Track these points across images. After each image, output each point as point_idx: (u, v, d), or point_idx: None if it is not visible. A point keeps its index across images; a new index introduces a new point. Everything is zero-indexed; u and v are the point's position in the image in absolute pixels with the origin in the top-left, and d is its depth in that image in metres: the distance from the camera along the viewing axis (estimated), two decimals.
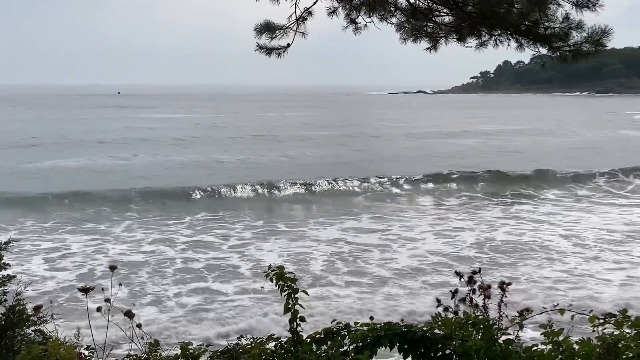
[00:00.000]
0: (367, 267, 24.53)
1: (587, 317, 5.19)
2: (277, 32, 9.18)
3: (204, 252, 26.80)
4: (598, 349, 5.00)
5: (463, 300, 6.16)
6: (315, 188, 41.10)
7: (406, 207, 37.42)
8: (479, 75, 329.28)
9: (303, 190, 40.82)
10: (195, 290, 21.77)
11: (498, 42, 9.04)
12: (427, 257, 25.92)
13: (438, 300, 6.20)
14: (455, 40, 9.27)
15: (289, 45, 9.29)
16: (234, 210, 35.31)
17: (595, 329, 5.16)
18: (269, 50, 9.37)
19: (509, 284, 6.20)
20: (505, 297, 6.02)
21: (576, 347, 5.26)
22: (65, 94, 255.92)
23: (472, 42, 9.16)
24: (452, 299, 6.20)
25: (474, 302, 6.12)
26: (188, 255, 26.18)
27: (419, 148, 66.73)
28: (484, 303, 6.09)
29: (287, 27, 9.15)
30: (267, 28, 9.20)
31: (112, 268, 7.48)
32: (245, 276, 23.34)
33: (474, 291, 6.16)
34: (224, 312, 19.61)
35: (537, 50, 8.88)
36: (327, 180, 42.00)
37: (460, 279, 6.31)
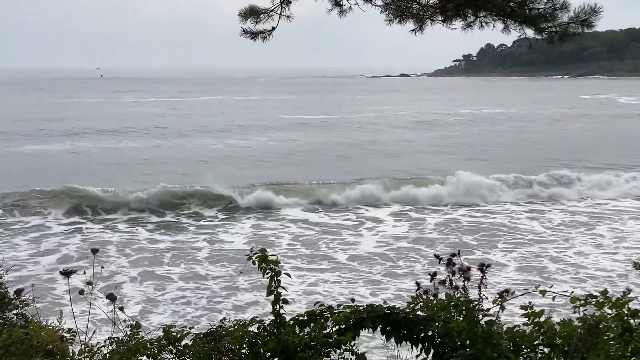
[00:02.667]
0: None
1: (569, 297, 5.23)
2: (261, 16, 9.13)
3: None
4: (579, 330, 5.04)
5: (443, 282, 6.18)
6: None
7: None
8: (462, 58, 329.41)
9: None
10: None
11: (483, 24, 9.01)
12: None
13: (417, 284, 6.21)
14: (440, 22, 9.23)
15: (273, 28, 9.25)
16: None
17: (576, 309, 5.20)
18: (254, 35, 9.32)
19: (489, 265, 6.22)
20: (485, 278, 6.04)
21: (557, 327, 5.30)
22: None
23: (458, 23, 9.13)
24: (431, 281, 6.22)
25: (454, 284, 6.14)
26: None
27: None
28: (463, 285, 6.11)
29: (271, 11, 9.10)
30: (252, 12, 9.14)
31: (94, 251, 7.45)
32: None
33: (453, 273, 6.18)
34: None
35: (522, 32, 8.86)
36: None
37: (439, 262, 6.32)
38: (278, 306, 5.85)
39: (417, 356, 5.46)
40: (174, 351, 5.84)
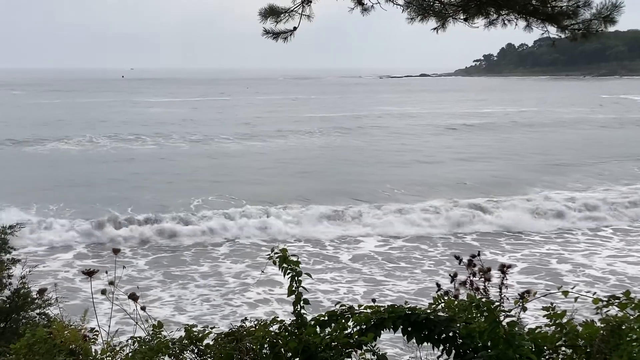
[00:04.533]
0: None
1: (591, 299, 5.20)
2: (282, 15, 9.11)
3: None
4: (601, 331, 5.01)
5: (463, 283, 6.16)
6: None
7: None
8: (482, 58, 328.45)
9: None
10: None
11: (506, 22, 8.97)
12: None
13: (438, 285, 6.20)
14: (462, 20, 9.19)
15: (295, 28, 9.22)
16: None
17: (598, 310, 5.17)
18: (275, 35, 9.30)
19: (509, 266, 6.19)
20: (506, 279, 6.02)
21: (579, 328, 5.27)
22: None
23: (480, 22, 9.09)
24: (451, 282, 6.21)
25: (475, 285, 6.12)
26: None
27: None
28: (484, 286, 6.09)
29: (292, 11, 9.08)
30: (272, 12, 9.12)
31: (116, 251, 7.49)
32: None
33: (474, 274, 6.16)
34: None
35: (545, 29, 8.81)
36: None
37: (459, 263, 6.31)
38: (299, 306, 5.85)
39: (438, 357, 5.45)
40: (196, 351, 5.86)
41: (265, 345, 5.78)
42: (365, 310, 5.77)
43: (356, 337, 5.63)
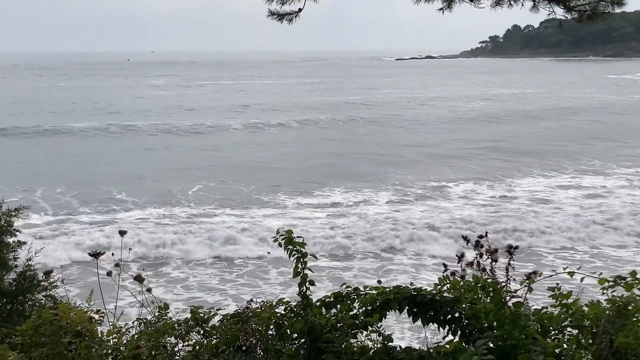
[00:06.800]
0: None
1: (597, 279, 5.18)
2: None
3: None
4: (607, 311, 5.00)
5: (470, 264, 6.15)
6: None
7: None
8: (488, 39, 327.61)
9: None
10: None
11: (512, 2, 8.91)
12: None
13: (444, 265, 6.18)
14: (468, 1, 9.12)
15: (300, 10, 9.17)
16: None
17: (604, 291, 5.15)
18: (280, 16, 9.26)
19: (517, 247, 6.17)
20: (513, 260, 6.00)
21: (585, 309, 5.26)
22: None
23: (486, 2, 9.03)
24: (458, 263, 6.19)
25: (481, 266, 6.11)
26: None
27: None
28: (491, 267, 6.08)
29: None
30: None
31: (122, 233, 7.49)
32: None
33: (481, 255, 6.14)
34: None
35: (552, 10, 8.75)
36: None
37: (467, 243, 6.29)
38: (304, 287, 5.85)
39: (444, 337, 5.45)
40: (202, 332, 5.88)
41: (271, 326, 5.80)
42: (370, 292, 5.77)
43: (362, 318, 5.63)
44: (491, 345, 5.02)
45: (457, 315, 5.45)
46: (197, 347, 5.73)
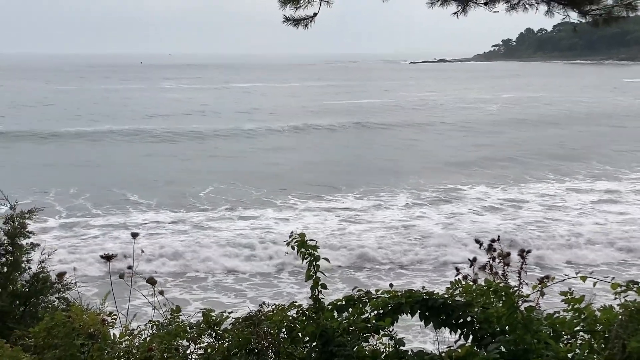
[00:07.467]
0: None
1: (609, 284, 5.17)
2: (301, 1, 9.07)
3: None
4: (620, 316, 4.98)
5: (482, 268, 6.15)
6: None
7: None
8: (501, 43, 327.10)
9: None
10: None
11: (527, 6, 8.89)
12: None
13: (457, 269, 6.18)
14: (482, 5, 9.12)
15: (315, 14, 9.17)
16: None
17: (617, 296, 5.14)
18: (296, 22, 9.27)
19: (529, 251, 6.17)
20: (525, 264, 6.00)
21: (598, 314, 5.25)
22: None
23: (501, 6, 9.02)
24: (470, 267, 6.19)
25: (494, 270, 6.10)
26: None
27: None
28: (503, 271, 6.08)
29: None
30: None
31: (134, 235, 7.52)
32: None
33: (493, 259, 6.14)
34: None
35: (566, 14, 8.73)
36: None
37: (480, 247, 6.29)
38: (317, 291, 5.85)
39: (455, 341, 5.44)
40: (214, 335, 5.89)
41: (283, 330, 5.80)
42: (382, 295, 5.77)
43: (374, 321, 5.63)
44: (503, 349, 5.03)
45: (469, 319, 5.45)
46: (209, 350, 5.74)
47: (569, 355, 5.01)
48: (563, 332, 5.29)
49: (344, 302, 5.87)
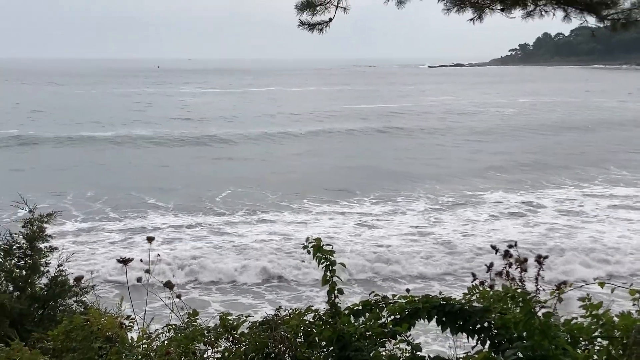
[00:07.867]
0: None
1: (627, 290, 5.15)
2: (318, 7, 9.12)
3: None
4: (638, 322, 4.96)
5: (499, 274, 6.13)
6: None
7: None
8: (518, 47, 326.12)
9: None
10: None
11: (543, 12, 8.87)
12: None
13: (473, 275, 6.17)
14: (499, 10, 9.11)
15: (330, 20, 9.23)
16: None
17: (635, 302, 5.12)
18: (311, 26, 9.33)
19: (546, 257, 6.15)
20: (542, 270, 5.97)
21: (616, 320, 5.22)
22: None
23: (517, 12, 9.01)
24: (487, 272, 6.17)
25: (511, 275, 6.08)
26: None
27: None
28: (520, 276, 6.05)
29: (327, 2, 9.09)
30: (308, 4, 9.15)
31: (150, 239, 7.54)
32: None
33: (510, 265, 6.12)
34: None
35: (584, 19, 8.69)
36: None
37: (496, 253, 6.27)
38: (333, 295, 5.86)
39: (473, 347, 5.43)
40: (231, 339, 5.90)
41: (300, 334, 5.81)
42: (399, 300, 5.77)
43: (390, 326, 5.63)
44: (520, 355, 5.01)
45: (486, 325, 5.43)
46: (226, 354, 5.76)
47: None
48: (581, 338, 5.27)
49: (360, 307, 5.87)
